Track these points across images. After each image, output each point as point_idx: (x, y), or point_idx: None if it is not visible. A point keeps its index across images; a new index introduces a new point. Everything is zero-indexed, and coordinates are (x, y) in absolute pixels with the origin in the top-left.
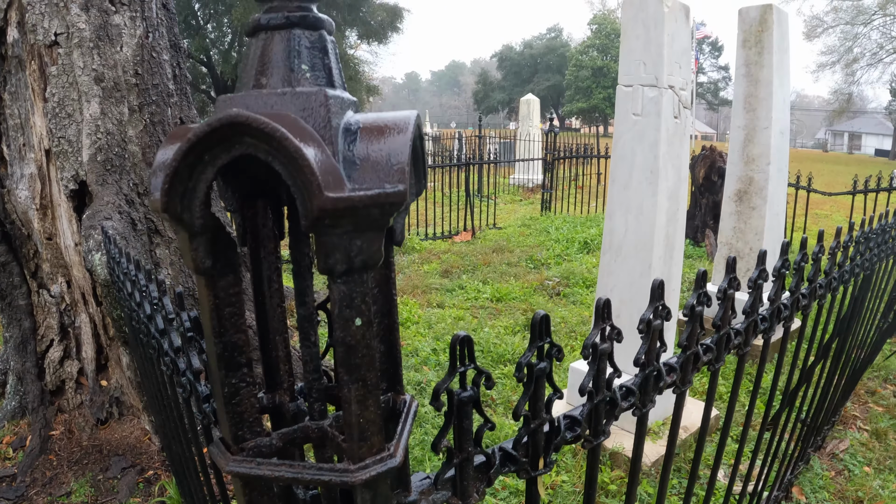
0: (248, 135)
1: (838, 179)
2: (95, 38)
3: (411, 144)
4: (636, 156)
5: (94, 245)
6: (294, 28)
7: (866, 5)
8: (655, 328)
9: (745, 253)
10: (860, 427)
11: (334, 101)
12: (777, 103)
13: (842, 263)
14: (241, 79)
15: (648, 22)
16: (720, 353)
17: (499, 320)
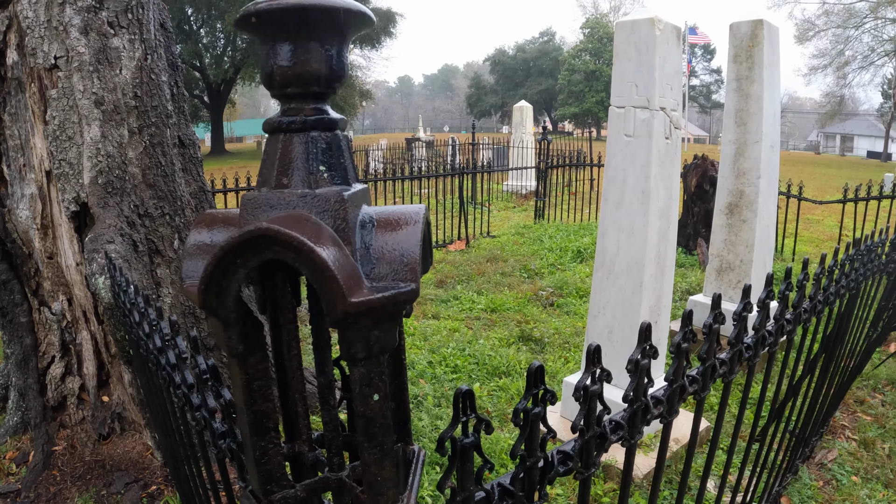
0: (276, 244)
1: (830, 183)
2: (95, 62)
3: (421, 238)
4: (628, 176)
5: (98, 269)
6: (311, 130)
7: (858, 9)
8: (643, 367)
9: (736, 265)
10: (849, 436)
11: (350, 201)
12: (767, 118)
13: (826, 287)
14: (263, 174)
15: (640, 45)
16: (706, 382)
17: (493, 331)
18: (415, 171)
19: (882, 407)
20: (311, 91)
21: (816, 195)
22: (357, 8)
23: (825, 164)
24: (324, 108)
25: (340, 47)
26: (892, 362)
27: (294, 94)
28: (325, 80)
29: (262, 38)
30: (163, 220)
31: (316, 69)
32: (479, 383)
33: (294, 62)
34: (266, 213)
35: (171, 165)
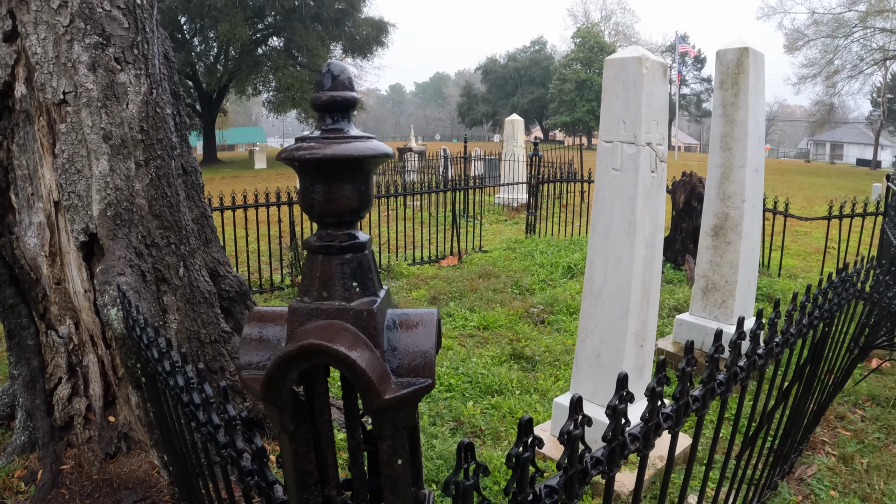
0: (324, 355)
1: (819, 193)
2: (103, 98)
3: (436, 336)
4: (615, 208)
5: (110, 300)
6: (345, 253)
7: (847, 18)
8: (620, 411)
9: (721, 285)
10: (828, 452)
11: (379, 311)
12: (752, 143)
13: (799, 320)
14: (305, 284)
15: (628, 82)
16: (679, 418)
17: (486, 349)
18: (407, 182)
19: (862, 422)
20: (344, 220)
21: (805, 206)
22: (379, 151)
23: (815, 172)
24: (355, 233)
25: (367, 182)
26: (874, 378)
27: (330, 223)
28: (355, 212)
29: (302, 176)
30: (168, 249)
31: (347, 204)
32: (472, 402)
33: (329, 199)
34: (311, 322)
35: (176, 196)
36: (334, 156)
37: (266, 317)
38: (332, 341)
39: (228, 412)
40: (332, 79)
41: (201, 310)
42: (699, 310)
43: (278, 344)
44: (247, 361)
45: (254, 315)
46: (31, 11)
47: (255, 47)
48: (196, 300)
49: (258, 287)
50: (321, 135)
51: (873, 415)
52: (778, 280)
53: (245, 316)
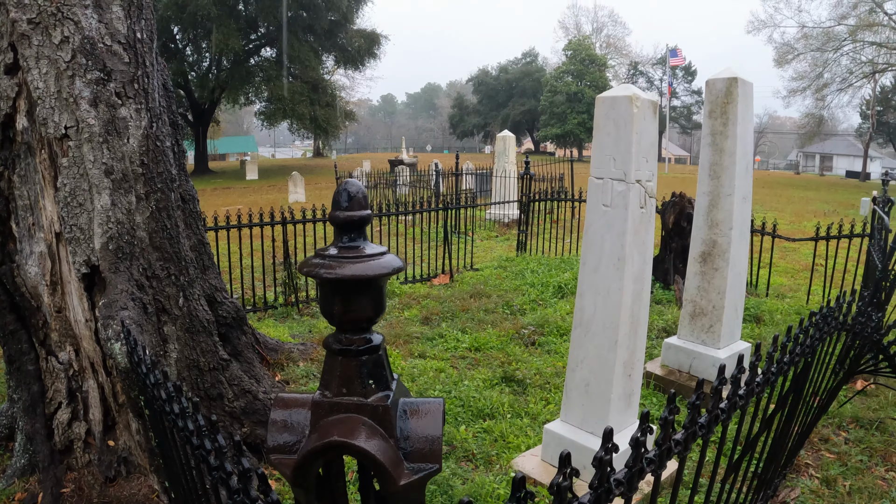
0: (346, 449)
1: (808, 208)
2: (104, 133)
3: (442, 421)
4: (605, 243)
5: (114, 335)
6: (362, 356)
7: (836, 32)
8: (605, 462)
9: (709, 310)
10: (812, 474)
11: (392, 404)
12: (739, 171)
13: (780, 359)
14: (325, 380)
15: (619, 120)
16: (662, 461)
17: (478, 371)
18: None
19: (845, 445)
20: (361, 327)
21: (794, 220)
22: (392, 269)
23: (804, 185)
24: (370, 337)
25: (381, 294)
26: (858, 400)
27: (349, 329)
28: (371, 320)
29: (323, 289)
30: (169, 280)
31: (364, 314)
32: (464, 425)
33: (348, 310)
34: (333, 415)
35: (176, 227)
36: (352, 276)
37: (290, 403)
38: (353, 436)
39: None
40: (348, 198)
41: (200, 338)
42: (687, 334)
43: (303, 430)
44: (275, 444)
45: (278, 401)
46: (32, 46)
47: (248, 58)
48: (195, 329)
49: (252, 306)
50: (338, 253)
51: (857, 437)
52: (766, 300)
53: (241, 342)
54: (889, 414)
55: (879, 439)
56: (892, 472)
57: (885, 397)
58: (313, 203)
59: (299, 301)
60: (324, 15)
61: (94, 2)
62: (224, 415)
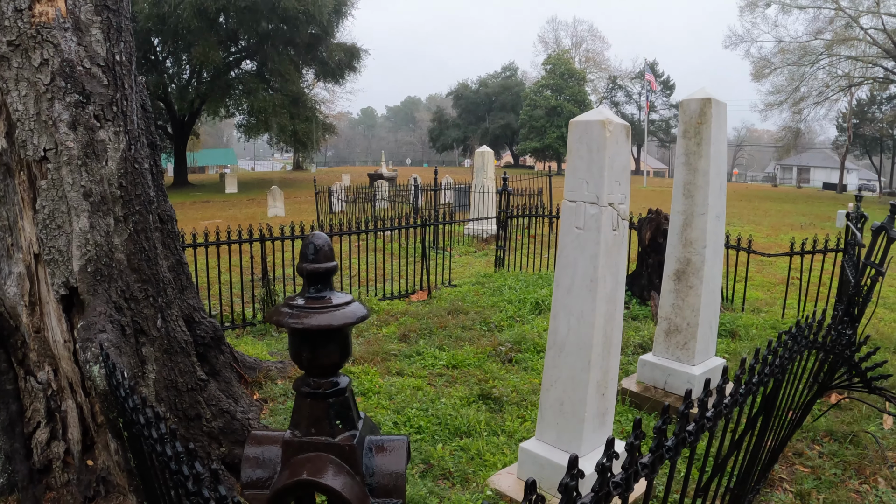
0: (315, 487)
1: (785, 220)
2: (83, 155)
3: (405, 459)
4: (578, 265)
5: (93, 357)
6: (329, 398)
7: (812, 46)
8: (570, 488)
9: (683, 327)
10: (786, 489)
11: (358, 443)
12: (713, 190)
13: (749, 381)
14: (296, 420)
15: (592, 145)
16: (629, 484)
17: (455, 389)
18: (378, 211)
19: (819, 458)
20: (328, 372)
21: (770, 234)
22: (357, 317)
23: (781, 198)
24: (337, 380)
25: (346, 340)
26: (832, 413)
27: (317, 374)
28: (337, 365)
29: (292, 338)
30: (147, 301)
31: (331, 360)
32: (441, 444)
33: (315, 356)
34: (302, 453)
35: (154, 249)
36: (319, 326)
37: (262, 440)
38: (321, 474)
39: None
40: (314, 250)
41: (178, 359)
42: (662, 351)
43: (275, 466)
44: (248, 480)
45: (252, 438)
46: (12, 68)
47: (228, 70)
48: (173, 350)
49: (230, 323)
50: (306, 303)
51: (831, 451)
52: (741, 315)
53: (219, 361)
54: (862, 427)
55: (853, 452)
56: (866, 485)
57: (858, 411)
58: (292, 219)
59: None
60: (304, 28)
61: (73, 24)
62: (202, 435)
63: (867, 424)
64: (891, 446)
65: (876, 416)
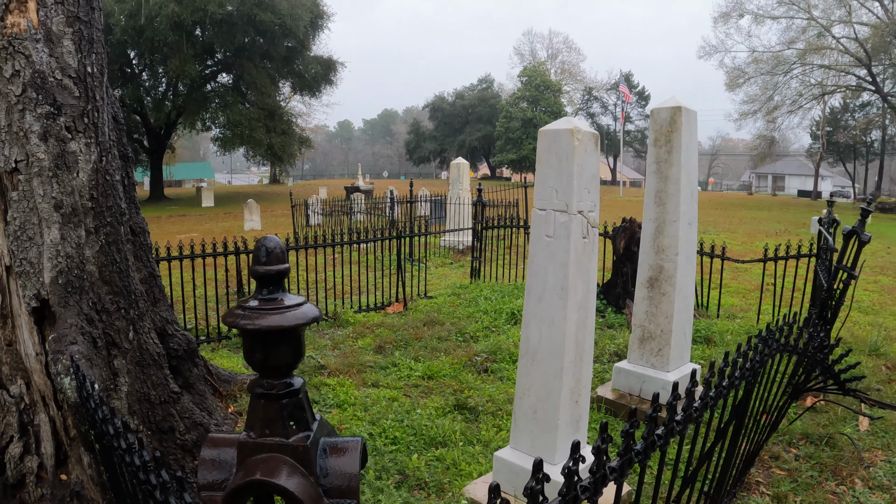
0: (268, 487)
1: (760, 228)
2: (54, 167)
3: (360, 460)
4: (548, 273)
5: (63, 369)
6: (283, 399)
7: (785, 56)
8: (536, 491)
9: (657, 334)
10: (763, 492)
11: (312, 444)
12: (685, 198)
13: (719, 384)
14: (251, 422)
15: (561, 153)
16: (597, 488)
17: (430, 399)
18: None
19: (796, 461)
20: (282, 373)
21: (746, 241)
22: (309, 318)
23: (757, 205)
24: (291, 381)
25: (299, 341)
26: (808, 416)
27: (270, 375)
28: (290, 366)
29: (245, 339)
30: (118, 313)
31: (284, 361)
32: (417, 454)
33: (268, 357)
34: (257, 454)
35: (125, 261)
36: (269, 327)
37: (219, 443)
38: (274, 475)
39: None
40: (266, 253)
41: (151, 371)
42: (636, 358)
43: (231, 468)
44: (205, 481)
45: (208, 441)
46: None
47: (205, 83)
48: (146, 362)
49: (205, 336)
50: (259, 305)
51: (807, 453)
52: (717, 321)
53: (193, 374)
54: (838, 429)
55: (829, 454)
56: (843, 486)
57: (834, 413)
58: (268, 233)
59: None
60: (280, 41)
61: (45, 36)
62: (176, 448)
63: (843, 426)
64: (867, 447)
65: (851, 418)
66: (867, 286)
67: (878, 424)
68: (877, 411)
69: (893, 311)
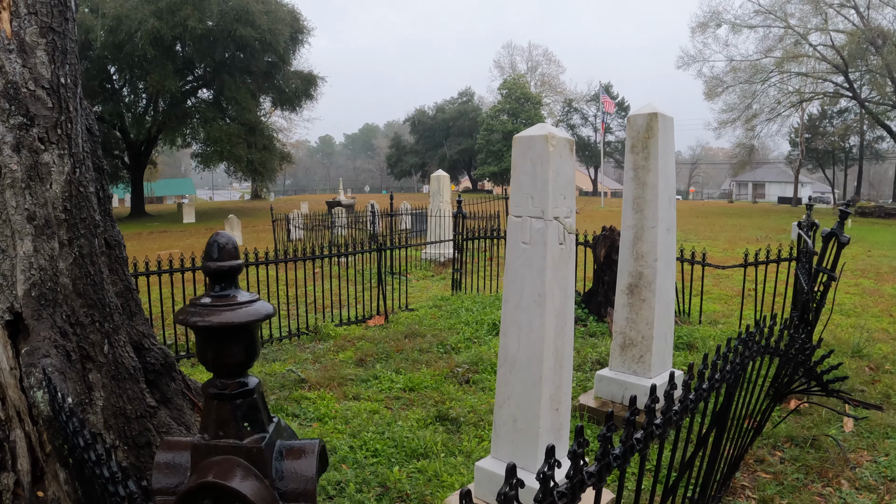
0: (220, 490)
1: (741, 234)
2: (27, 178)
3: (317, 464)
4: (525, 280)
5: (36, 383)
6: (237, 399)
7: (763, 64)
8: (510, 497)
9: (638, 341)
10: (748, 496)
11: (267, 446)
12: (662, 204)
13: (699, 387)
14: (205, 423)
15: (535, 159)
16: (575, 494)
17: (412, 412)
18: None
19: (781, 464)
20: (235, 372)
21: (727, 248)
22: (262, 315)
23: (737, 213)
24: (245, 381)
25: (253, 339)
26: (792, 419)
27: (223, 374)
28: (244, 364)
29: (198, 336)
30: (93, 327)
31: (237, 359)
32: (398, 466)
33: (220, 356)
34: (210, 457)
35: (100, 273)
36: (221, 324)
37: (173, 446)
38: (227, 477)
39: None
40: (218, 249)
41: (127, 385)
42: (618, 365)
43: (185, 472)
44: (159, 486)
45: (164, 444)
46: None
47: (185, 99)
48: (121, 376)
49: (185, 351)
50: (211, 301)
51: (792, 456)
52: (699, 328)
53: (170, 388)
54: (823, 431)
55: (815, 456)
56: (829, 487)
57: (818, 415)
58: (246, 247)
59: None
60: (260, 56)
61: (18, 46)
62: (153, 463)
63: (827, 428)
64: (852, 448)
65: (836, 420)
66: (848, 289)
67: (862, 425)
68: (861, 412)
69: (875, 312)
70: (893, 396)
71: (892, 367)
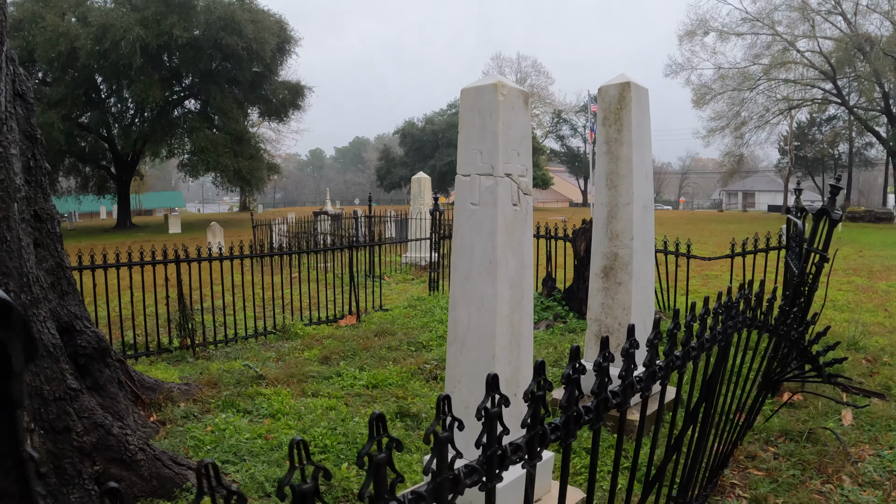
0: None
1: (730, 239)
2: None
3: None
4: (475, 246)
5: None
6: None
7: (751, 71)
8: (493, 414)
9: (615, 328)
10: (739, 495)
11: None
12: (638, 178)
13: (685, 342)
14: None
15: (484, 111)
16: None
17: (372, 408)
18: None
19: (774, 460)
20: None
21: (716, 251)
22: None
23: (727, 220)
24: None
25: None
26: (786, 412)
27: None
28: None
29: None
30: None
31: None
32: (347, 464)
33: None
34: None
35: (17, 241)
36: None
37: None
38: None
39: None
40: None
41: (44, 364)
42: (593, 356)
43: None
44: None
45: None
46: None
47: (172, 109)
48: (38, 353)
49: (145, 350)
50: None
51: (787, 451)
52: None
53: (104, 375)
54: (820, 424)
55: (812, 451)
56: (829, 484)
57: (814, 407)
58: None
59: (195, 344)
60: (247, 66)
61: None
62: (72, 450)
63: (825, 421)
64: (853, 441)
65: (833, 412)
66: (841, 286)
67: (863, 417)
68: (861, 400)
69: (869, 307)
70: (894, 388)
71: (891, 359)
